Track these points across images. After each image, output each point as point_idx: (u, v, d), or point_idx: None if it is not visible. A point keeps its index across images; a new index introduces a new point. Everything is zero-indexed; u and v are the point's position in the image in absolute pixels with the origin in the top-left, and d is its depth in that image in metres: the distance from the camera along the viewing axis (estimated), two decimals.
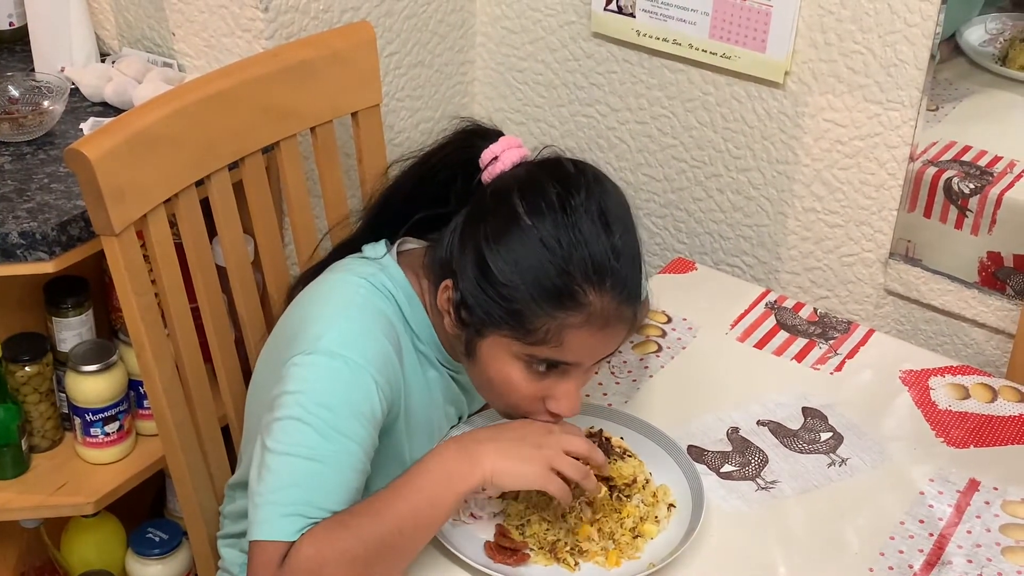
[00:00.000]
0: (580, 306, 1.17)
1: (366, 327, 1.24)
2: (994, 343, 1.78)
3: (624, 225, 1.22)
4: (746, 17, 1.79)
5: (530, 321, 1.18)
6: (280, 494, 1.17)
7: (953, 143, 1.78)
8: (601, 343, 1.21)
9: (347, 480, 1.19)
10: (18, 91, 1.83)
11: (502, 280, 1.18)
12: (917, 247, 1.80)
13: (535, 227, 1.17)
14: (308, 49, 1.61)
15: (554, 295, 1.17)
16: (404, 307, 1.30)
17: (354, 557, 1.14)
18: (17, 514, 1.76)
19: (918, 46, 1.66)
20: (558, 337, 1.18)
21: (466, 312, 1.22)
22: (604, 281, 1.17)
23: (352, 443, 1.19)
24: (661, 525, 1.29)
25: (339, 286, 1.28)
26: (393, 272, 1.30)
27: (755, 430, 1.46)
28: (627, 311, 1.21)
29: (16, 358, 1.74)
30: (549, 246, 1.17)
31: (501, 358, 1.22)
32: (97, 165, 1.33)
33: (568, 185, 1.20)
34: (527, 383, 1.22)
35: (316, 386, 1.19)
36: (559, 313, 1.17)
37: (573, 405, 1.23)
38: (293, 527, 1.15)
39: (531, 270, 1.17)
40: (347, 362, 1.20)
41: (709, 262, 2.02)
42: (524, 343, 1.19)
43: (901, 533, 1.32)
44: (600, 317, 1.18)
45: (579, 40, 2.01)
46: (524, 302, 1.17)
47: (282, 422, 1.19)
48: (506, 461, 1.18)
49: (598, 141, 2.07)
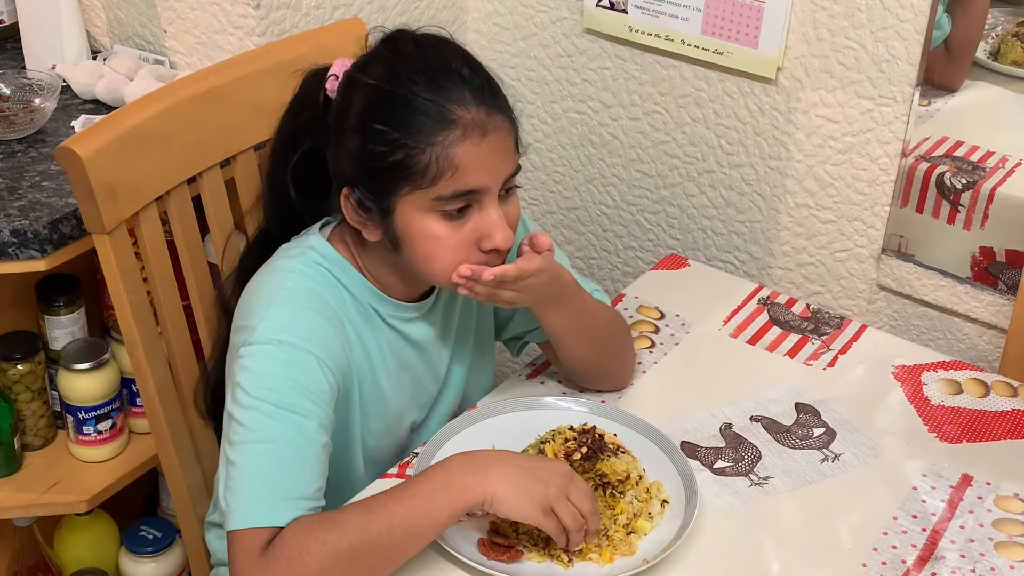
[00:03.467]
0: (449, 122, 1.21)
1: (297, 309, 1.26)
2: (987, 338, 1.78)
3: (452, 46, 1.27)
4: (738, 13, 1.79)
5: (416, 161, 1.21)
6: (245, 483, 1.19)
7: (945, 138, 1.78)
8: (490, 155, 1.23)
9: (305, 456, 1.20)
10: (9, 89, 1.82)
11: (376, 141, 1.22)
12: (909, 243, 1.80)
13: (378, 82, 1.24)
14: (300, 46, 1.61)
15: (422, 122, 1.21)
16: (340, 276, 1.32)
17: (336, 550, 1.14)
18: (10, 512, 1.76)
19: (910, 42, 1.66)
20: (448, 162, 1.21)
21: (368, 198, 1.26)
22: (457, 89, 1.22)
23: (301, 418, 1.21)
24: (655, 521, 1.29)
25: (269, 277, 1.31)
26: (320, 247, 1.33)
27: (748, 426, 1.46)
28: (499, 118, 1.24)
29: (8, 356, 1.73)
30: (396, 84, 1.22)
31: (416, 220, 1.24)
32: (88, 163, 1.32)
33: (393, 40, 1.28)
34: (452, 233, 1.24)
35: (258, 373, 1.22)
36: (436, 137, 1.21)
37: (504, 232, 1.25)
38: (264, 512, 1.16)
39: (392, 113, 1.22)
40: (282, 345, 1.22)
41: (702, 258, 2.02)
42: (425, 189, 1.22)
43: (894, 528, 1.32)
44: (475, 126, 1.21)
45: (571, 36, 2.01)
46: (401, 145, 1.21)
47: (233, 414, 1.22)
48: (509, 489, 1.18)
49: (591, 137, 2.07)
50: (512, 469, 1.20)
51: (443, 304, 1.42)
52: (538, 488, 1.19)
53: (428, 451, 1.36)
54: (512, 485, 1.18)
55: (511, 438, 1.37)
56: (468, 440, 1.39)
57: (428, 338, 1.40)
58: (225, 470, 1.21)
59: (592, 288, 1.50)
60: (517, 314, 1.52)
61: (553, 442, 1.34)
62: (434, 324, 1.40)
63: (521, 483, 1.19)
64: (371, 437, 1.39)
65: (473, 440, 1.39)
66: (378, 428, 1.39)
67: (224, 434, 1.23)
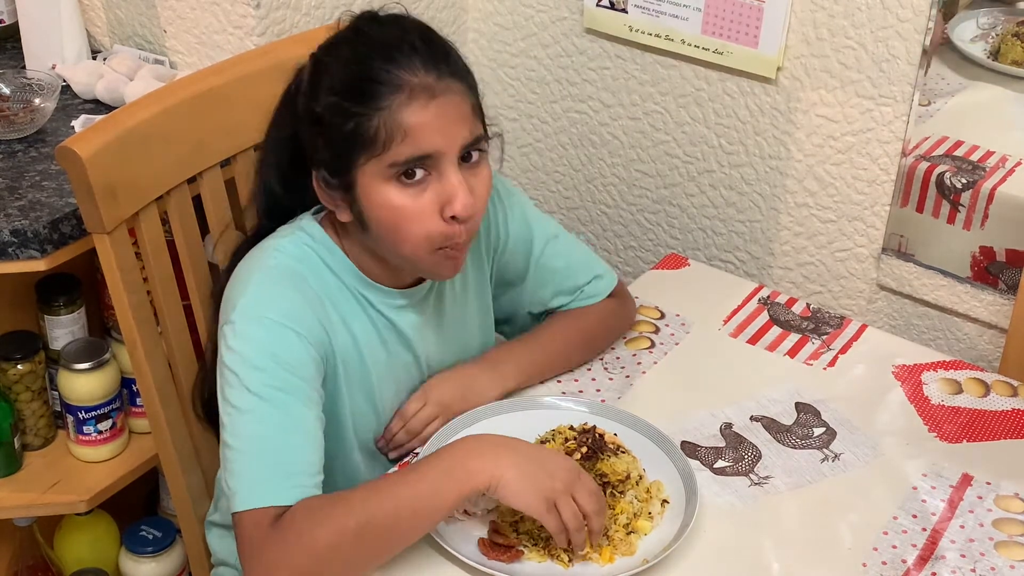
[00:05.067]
0: (397, 87, 1.21)
1: (275, 286, 1.27)
2: (987, 338, 1.78)
3: (409, 20, 1.29)
4: (738, 13, 1.79)
5: (367, 127, 1.22)
6: (244, 463, 1.19)
7: (945, 138, 1.78)
8: (440, 118, 1.23)
9: (299, 431, 1.21)
10: (9, 88, 1.82)
11: (331, 112, 1.24)
12: (909, 242, 1.81)
13: (334, 59, 1.26)
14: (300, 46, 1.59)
15: (369, 89, 1.22)
16: (327, 258, 1.33)
17: (343, 528, 1.14)
18: (10, 512, 1.76)
19: (910, 41, 1.67)
20: (397, 126, 1.21)
21: (332, 175, 1.26)
22: (407, 58, 1.22)
23: (287, 395, 1.21)
24: (655, 521, 1.29)
25: (256, 253, 1.32)
26: (311, 229, 1.34)
27: (748, 426, 1.46)
28: (451, 82, 1.24)
29: (8, 356, 1.73)
30: (352, 59, 1.25)
31: (376, 191, 1.24)
32: (88, 163, 1.32)
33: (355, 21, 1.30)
34: (412, 201, 1.24)
35: (240, 352, 1.23)
36: (383, 102, 1.21)
37: (464, 197, 1.24)
38: (267, 491, 1.17)
39: (343, 85, 1.24)
40: (262, 321, 1.24)
41: (702, 258, 2.02)
42: (379, 156, 1.22)
43: (894, 528, 1.32)
44: (422, 88, 1.22)
45: (571, 36, 2.01)
46: (353, 115, 1.22)
47: (224, 396, 1.23)
48: (516, 477, 1.18)
49: (591, 137, 2.07)
50: (522, 457, 1.20)
51: (435, 294, 1.41)
52: (545, 480, 1.19)
53: (430, 451, 1.36)
54: (520, 472, 1.18)
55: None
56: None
57: (417, 327, 1.39)
58: (223, 454, 1.22)
59: (593, 275, 1.53)
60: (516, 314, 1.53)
61: (553, 442, 1.34)
62: (423, 314, 1.40)
63: (529, 472, 1.19)
64: (361, 421, 1.39)
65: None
66: (367, 413, 1.39)
67: (220, 418, 1.24)
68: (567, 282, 1.52)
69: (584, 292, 1.53)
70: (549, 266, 1.51)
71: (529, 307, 1.54)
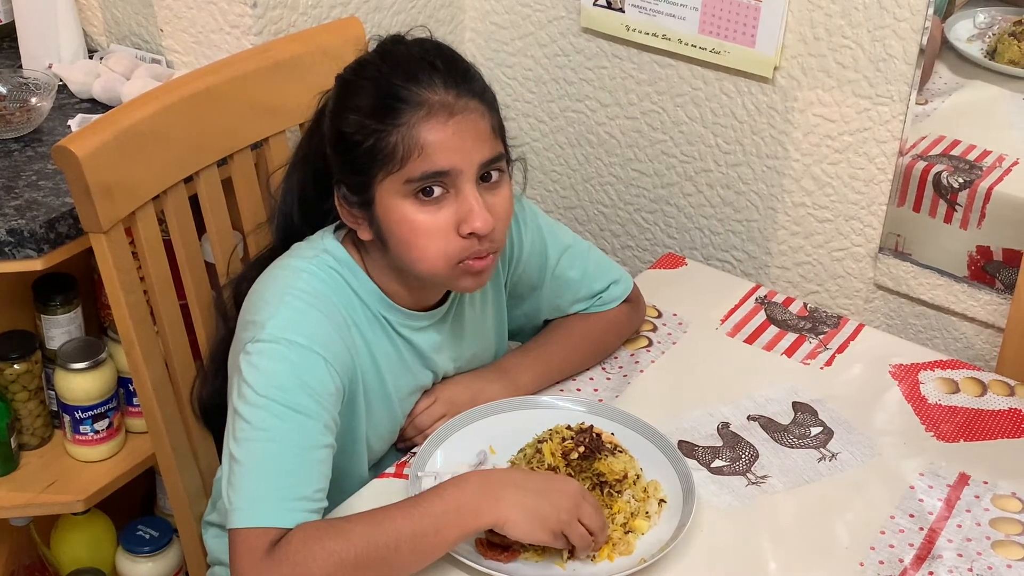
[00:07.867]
0: (416, 104, 1.23)
1: (306, 309, 1.27)
2: (983, 337, 1.78)
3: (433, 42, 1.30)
4: (735, 12, 1.79)
5: (385, 143, 1.23)
6: (249, 481, 1.19)
7: (942, 137, 1.79)
8: (457, 136, 1.23)
9: (310, 457, 1.21)
10: (5, 88, 1.82)
11: (351, 131, 1.25)
12: (906, 242, 1.81)
13: (354, 79, 1.28)
14: (297, 45, 1.61)
15: (390, 107, 1.23)
16: (351, 281, 1.33)
17: (342, 560, 1.14)
18: (6, 512, 1.76)
19: (907, 41, 1.67)
20: (414, 142, 1.22)
21: (352, 192, 1.27)
22: (427, 76, 1.24)
23: (307, 419, 1.21)
24: (652, 520, 1.29)
25: (282, 274, 1.31)
26: (334, 250, 1.34)
27: (745, 425, 1.46)
28: (470, 101, 1.25)
29: (5, 356, 1.73)
30: (369, 78, 1.27)
31: (394, 207, 1.25)
32: (85, 162, 1.32)
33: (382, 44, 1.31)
34: (429, 218, 1.25)
35: (266, 371, 1.22)
36: (402, 119, 1.22)
37: (481, 215, 1.25)
38: (267, 511, 1.17)
39: (365, 103, 1.25)
40: (291, 345, 1.23)
41: (699, 257, 2.02)
42: (396, 173, 1.23)
43: (891, 527, 1.32)
44: (441, 106, 1.23)
45: (568, 35, 2.01)
46: (372, 131, 1.23)
47: (239, 411, 1.22)
48: (521, 514, 1.19)
49: (588, 136, 2.07)
50: (525, 494, 1.20)
51: (454, 312, 1.42)
52: (551, 514, 1.20)
53: (426, 450, 1.36)
54: (524, 511, 1.19)
55: (509, 437, 1.37)
56: (467, 439, 1.39)
57: (437, 347, 1.40)
58: (229, 466, 1.21)
59: (610, 281, 1.54)
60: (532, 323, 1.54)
61: (551, 441, 1.34)
62: (443, 332, 1.41)
63: (533, 508, 1.19)
64: (377, 439, 1.40)
65: (472, 439, 1.39)
66: (384, 431, 1.40)
67: (228, 430, 1.23)
68: (583, 290, 1.53)
69: (601, 298, 1.54)
70: (564, 276, 1.51)
71: (547, 315, 1.55)
